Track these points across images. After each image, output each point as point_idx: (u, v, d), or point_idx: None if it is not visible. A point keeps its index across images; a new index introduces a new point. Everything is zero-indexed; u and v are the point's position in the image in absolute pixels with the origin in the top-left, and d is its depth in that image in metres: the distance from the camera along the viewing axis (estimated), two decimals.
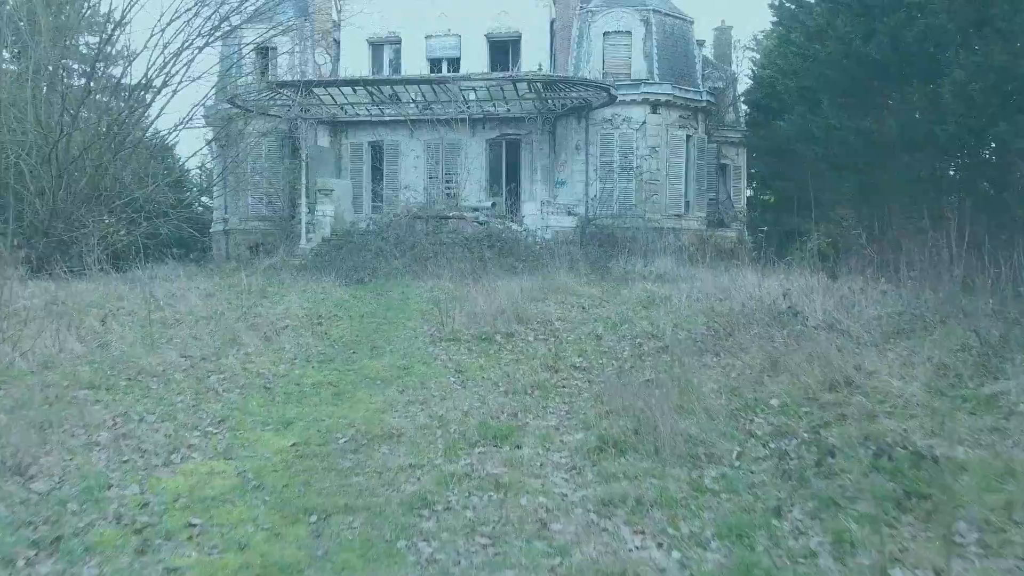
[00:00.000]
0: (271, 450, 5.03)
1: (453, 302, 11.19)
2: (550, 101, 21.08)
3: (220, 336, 8.48)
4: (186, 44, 15.87)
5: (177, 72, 16.33)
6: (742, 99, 28.88)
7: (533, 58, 23.13)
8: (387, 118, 23.16)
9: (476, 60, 23.40)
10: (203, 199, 28.79)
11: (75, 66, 22.03)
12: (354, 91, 21.39)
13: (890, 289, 9.52)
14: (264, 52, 23.29)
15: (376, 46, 24.86)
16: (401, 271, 15.02)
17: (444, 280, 13.67)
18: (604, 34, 22.51)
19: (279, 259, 20.57)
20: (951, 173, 16.76)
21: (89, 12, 18.97)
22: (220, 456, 4.88)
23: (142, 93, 15.93)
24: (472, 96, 21.42)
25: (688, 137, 22.84)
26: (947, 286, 9.29)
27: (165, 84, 16.54)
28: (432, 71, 23.98)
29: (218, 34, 16.22)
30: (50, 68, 14.34)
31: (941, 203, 17.83)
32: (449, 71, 23.85)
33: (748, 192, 30.06)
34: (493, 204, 20.82)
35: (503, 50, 24.20)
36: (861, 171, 17.61)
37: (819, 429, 5.20)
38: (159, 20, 15.63)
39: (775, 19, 27.76)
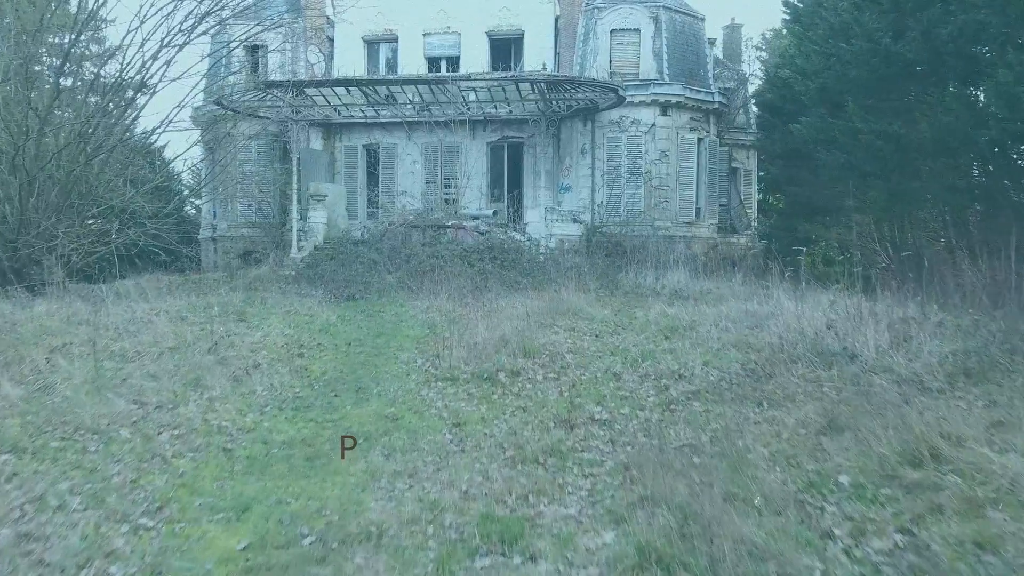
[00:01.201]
0: (215, 557, 3.93)
1: (451, 326, 10.13)
2: (554, 102, 19.98)
3: (183, 376, 7.38)
4: (165, 41, 14.73)
5: (156, 72, 15.22)
6: (753, 100, 27.79)
7: (536, 57, 22.01)
8: (383, 120, 22.06)
9: (476, 59, 22.28)
10: (194, 202, 27.70)
11: (63, 66, 20.90)
12: (348, 92, 20.30)
13: (947, 318, 8.42)
14: (254, 50, 22.20)
15: (372, 44, 23.75)
16: (395, 287, 13.92)
17: (441, 298, 12.60)
18: (611, 32, 21.41)
19: (268, 268, 19.56)
20: (989, 182, 15.60)
21: (69, 8, 17.87)
22: (146, 572, 3.77)
23: (116, 94, 14.79)
24: (472, 97, 20.33)
25: (699, 140, 21.74)
26: (1014, 315, 8.22)
27: (144, 84, 15.43)
28: (430, 70, 22.88)
29: (200, 30, 15.07)
30: (14, 67, 13.19)
31: (968, 212, 16.76)
32: (448, 70, 22.75)
33: (757, 196, 28.99)
34: (494, 212, 19.71)
35: (505, 48, 23.10)
36: (887, 178, 16.50)
37: (913, 527, 4.11)
38: (138, 13, 14.54)
39: (788, 16, 26.70)
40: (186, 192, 22.78)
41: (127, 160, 16.42)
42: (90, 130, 14.05)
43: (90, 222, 15.50)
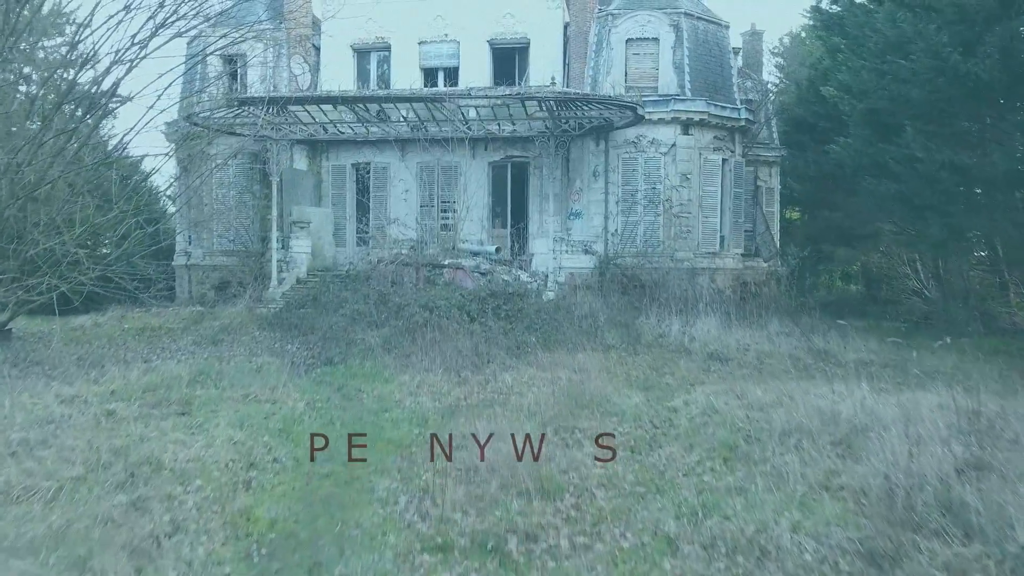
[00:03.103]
0: None
1: (446, 422, 8.12)
2: (564, 120, 17.93)
3: (69, 547, 5.31)
4: (116, 57, 12.66)
5: (108, 90, 13.18)
6: (773, 113, 25.71)
7: (543, 68, 19.97)
8: (373, 138, 20.00)
9: (477, 70, 20.24)
10: (172, 220, 25.61)
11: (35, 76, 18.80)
12: (335, 107, 18.25)
13: None
14: (232, 59, 20.15)
15: (362, 53, 21.68)
16: (381, 348, 11.85)
17: (436, 370, 10.58)
18: (627, 41, 19.34)
19: (244, 306, 17.56)
20: None
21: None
22: None
23: (58, 118, 12.72)
24: (473, 114, 18.28)
25: (724, 161, 19.68)
26: None
27: (92, 106, 13.40)
28: (426, 82, 20.84)
29: (155, 44, 12.99)
30: None
31: None
32: (446, 81, 20.74)
33: (779, 214, 26.93)
34: (497, 249, 17.64)
35: (508, 58, 21.03)
36: (947, 212, 14.43)
37: None
38: (82, 22, 12.54)
39: (813, 22, 24.73)
40: (149, 220, 20.62)
41: (78, 189, 14.34)
42: (23, 163, 11.98)
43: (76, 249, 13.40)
